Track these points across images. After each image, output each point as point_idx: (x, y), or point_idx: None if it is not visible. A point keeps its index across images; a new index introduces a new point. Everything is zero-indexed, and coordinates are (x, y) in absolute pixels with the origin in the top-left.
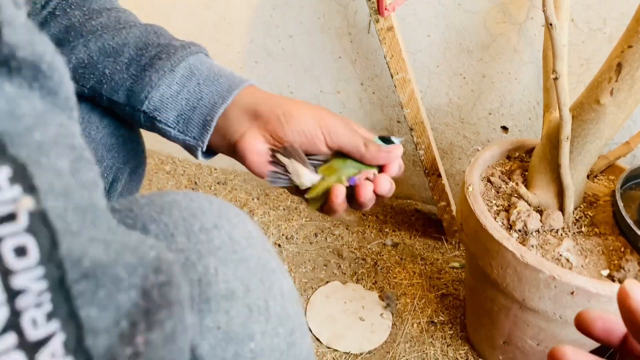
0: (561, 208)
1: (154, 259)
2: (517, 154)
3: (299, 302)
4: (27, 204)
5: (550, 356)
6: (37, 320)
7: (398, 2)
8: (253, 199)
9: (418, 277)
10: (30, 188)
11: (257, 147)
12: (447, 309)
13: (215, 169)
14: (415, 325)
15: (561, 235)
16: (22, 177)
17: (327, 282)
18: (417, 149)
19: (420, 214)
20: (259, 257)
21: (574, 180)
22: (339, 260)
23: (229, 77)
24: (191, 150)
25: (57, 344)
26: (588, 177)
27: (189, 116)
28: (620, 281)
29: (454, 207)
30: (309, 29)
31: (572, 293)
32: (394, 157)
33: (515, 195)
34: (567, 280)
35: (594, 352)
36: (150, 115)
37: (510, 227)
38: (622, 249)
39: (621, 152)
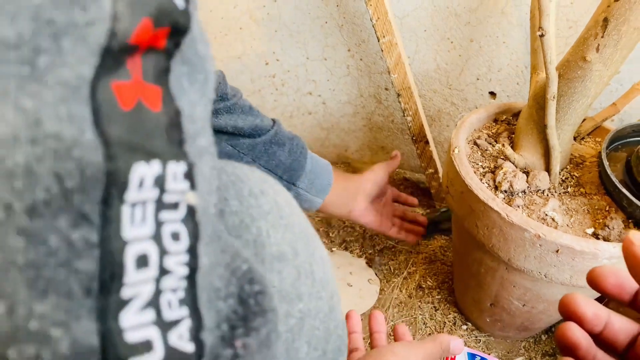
0: (547, 169)
1: (247, 271)
2: (504, 117)
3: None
4: (190, 198)
5: (562, 304)
6: (172, 302)
7: None
8: None
9: (406, 243)
10: (193, 185)
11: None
12: (435, 274)
13: None
14: (403, 290)
15: (547, 195)
16: (191, 174)
17: None
18: (404, 116)
19: (409, 183)
20: (300, 223)
21: (561, 141)
22: (327, 229)
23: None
24: (312, 206)
25: (184, 328)
26: (575, 139)
27: (314, 183)
28: (605, 239)
29: (442, 175)
30: None
31: (557, 251)
32: None
33: (502, 156)
34: (552, 239)
35: None
36: (299, 186)
37: (496, 188)
38: (607, 208)
39: (608, 113)
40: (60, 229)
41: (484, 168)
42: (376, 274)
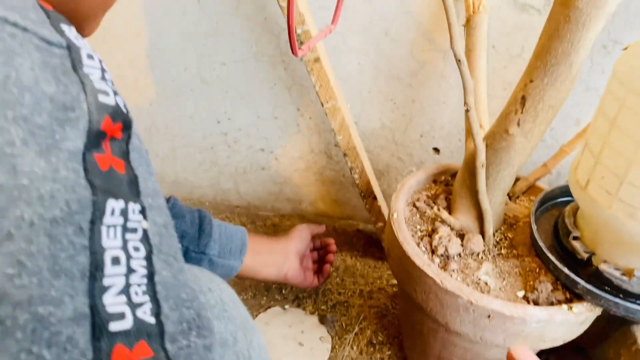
0: (482, 231)
1: (201, 307)
2: (442, 177)
3: (269, 355)
4: (144, 224)
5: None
6: (137, 292)
7: (314, 42)
8: None
9: (358, 297)
10: (145, 218)
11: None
12: (386, 328)
13: None
14: (355, 347)
15: (481, 258)
16: (144, 212)
17: (268, 308)
18: (352, 174)
19: (362, 234)
20: (241, 315)
21: (492, 205)
22: (280, 285)
23: (231, 224)
24: (232, 270)
25: (147, 308)
26: (510, 198)
27: (230, 248)
28: (535, 302)
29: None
30: (243, 57)
31: (489, 316)
32: None
33: (439, 219)
34: (484, 304)
35: None
36: (209, 254)
37: (433, 252)
38: (538, 270)
39: (539, 174)
40: (68, 235)
41: (422, 231)
42: (328, 331)
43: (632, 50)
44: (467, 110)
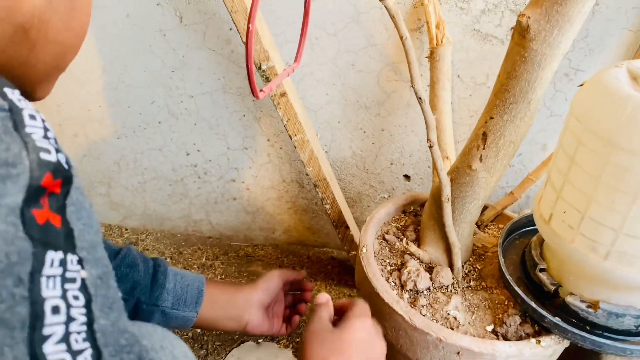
0: (450, 264)
1: (142, 350)
2: (412, 208)
3: None
4: (82, 274)
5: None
6: (77, 339)
7: (275, 83)
8: (166, 258)
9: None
10: (83, 268)
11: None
12: None
13: (127, 229)
14: None
15: (450, 291)
16: (81, 262)
17: (241, 342)
18: (323, 204)
19: (336, 262)
20: None
21: (460, 237)
22: None
23: (189, 272)
24: (187, 322)
25: (88, 354)
26: (479, 226)
27: (185, 298)
28: (504, 336)
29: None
30: (210, 89)
31: (458, 353)
32: None
33: (408, 252)
34: (453, 342)
35: None
36: (162, 305)
37: (402, 286)
38: (506, 302)
39: (507, 202)
40: (7, 286)
41: (391, 265)
42: None
43: (587, 87)
44: (430, 147)
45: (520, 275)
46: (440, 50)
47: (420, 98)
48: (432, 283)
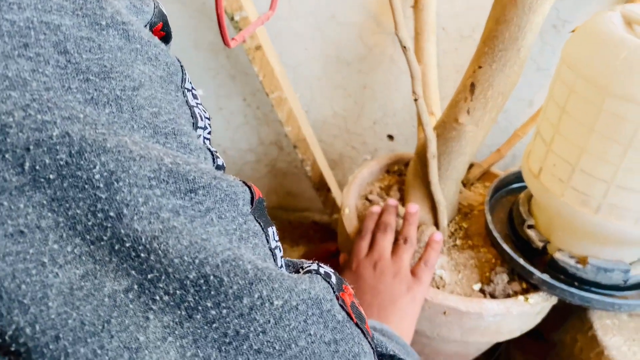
0: (436, 223)
1: None
2: (395, 167)
3: None
4: (200, 92)
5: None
6: (208, 146)
7: (248, 31)
8: None
9: None
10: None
11: None
12: None
13: None
14: None
15: None
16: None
17: None
18: (303, 166)
19: (319, 226)
20: None
21: (446, 195)
22: None
23: None
24: None
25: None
26: (465, 185)
27: None
28: (491, 294)
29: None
30: (181, 45)
31: (445, 313)
32: None
33: None
34: (439, 301)
35: None
36: None
37: None
38: (494, 261)
39: (493, 159)
40: (172, 91)
41: None
42: None
43: (579, 33)
44: (415, 100)
45: (507, 233)
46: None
47: (404, 47)
48: (418, 243)
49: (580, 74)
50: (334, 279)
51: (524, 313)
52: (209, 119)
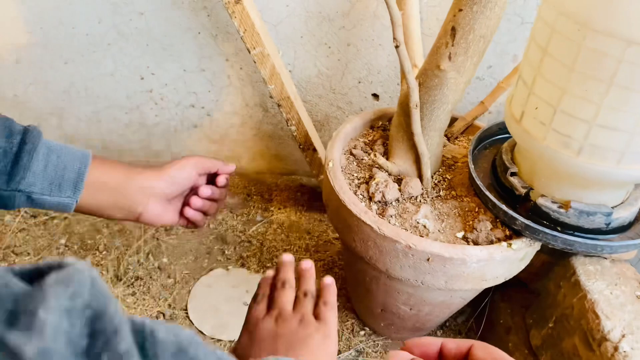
0: (420, 175)
1: None
2: (380, 123)
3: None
4: None
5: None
6: None
7: None
8: None
9: (304, 252)
10: None
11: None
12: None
13: None
14: None
15: (420, 201)
16: None
17: (210, 270)
18: (288, 125)
19: (306, 189)
20: None
21: (429, 146)
22: (223, 246)
23: (74, 148)
24: (65, 208)
25: None
26: (449, 139)
27: (59, 182)
28: (474, 241)
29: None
30: (161, 4)
31: (428, 259)
32: None
33: (376, 166)
34: (422, 248)
35: None
36: (27, 190)
37: (370, 199)
38: (477, 209)
39: (477, 112)
40: None
41: (359, 179)
42: None
43: None
44: (396, 47)
45: (491, 182)
46: None
47: None
48: (401, 194)
49: (562, 10)
50: None
51: (507, 259)
52: None
